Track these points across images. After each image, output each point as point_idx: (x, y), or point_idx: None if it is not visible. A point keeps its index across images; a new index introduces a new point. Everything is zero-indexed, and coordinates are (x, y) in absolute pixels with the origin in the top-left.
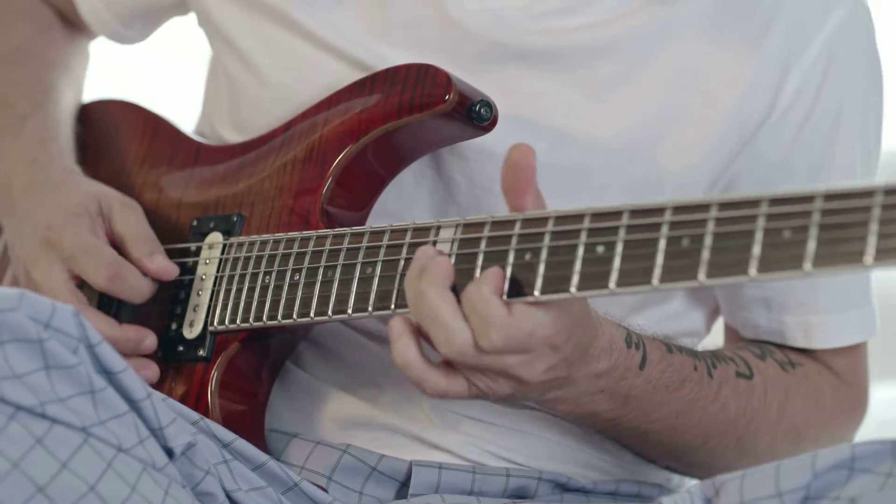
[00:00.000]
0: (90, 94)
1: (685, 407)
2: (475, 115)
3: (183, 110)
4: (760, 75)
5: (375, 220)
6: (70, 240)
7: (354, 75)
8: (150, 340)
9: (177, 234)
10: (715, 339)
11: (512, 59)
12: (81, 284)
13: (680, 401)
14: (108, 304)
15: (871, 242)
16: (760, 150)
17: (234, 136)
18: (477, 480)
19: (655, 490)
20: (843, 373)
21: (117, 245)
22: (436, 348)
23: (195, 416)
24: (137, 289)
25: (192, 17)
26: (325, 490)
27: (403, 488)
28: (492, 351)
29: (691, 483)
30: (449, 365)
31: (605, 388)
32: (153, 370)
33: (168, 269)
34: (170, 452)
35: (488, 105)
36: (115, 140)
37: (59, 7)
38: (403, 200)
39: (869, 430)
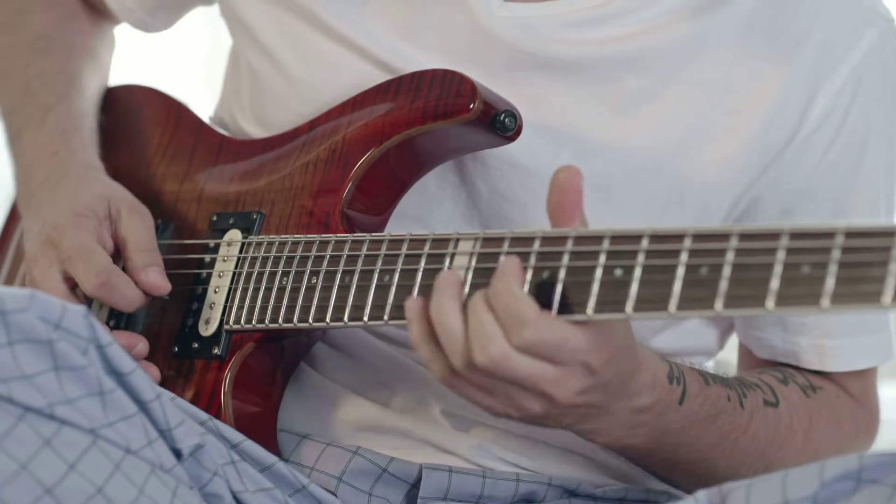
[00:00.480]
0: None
1: (718, 439)
2: (499, 124)
3: (199, 97)
4: (788, 96)
5: (396, 224)
6: (69, 241)
7: (379, 76)
8: (141, 346)
9: (196, 227)
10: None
11: (539, 68)
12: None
13: (714, 433)
14: None
15: (891, 283)
16: (785, 171)
17: (256, 131)
18: (487, 485)
19: (663, 497)
20: (859, 395)
21: (120, 249)
22: (472, 357)
23: (204, 415)
24: (127, 298)
25: (215, 8)
26: (334, 494)
27: (413, 491)
28: (523, 349)
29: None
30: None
31: (645, 423)
32: (152, 374)
33: (160, 285)
34: (178, 454)
35: (513, 115)
36: (138, 127)
37: None
38: (425, 205)
39: None
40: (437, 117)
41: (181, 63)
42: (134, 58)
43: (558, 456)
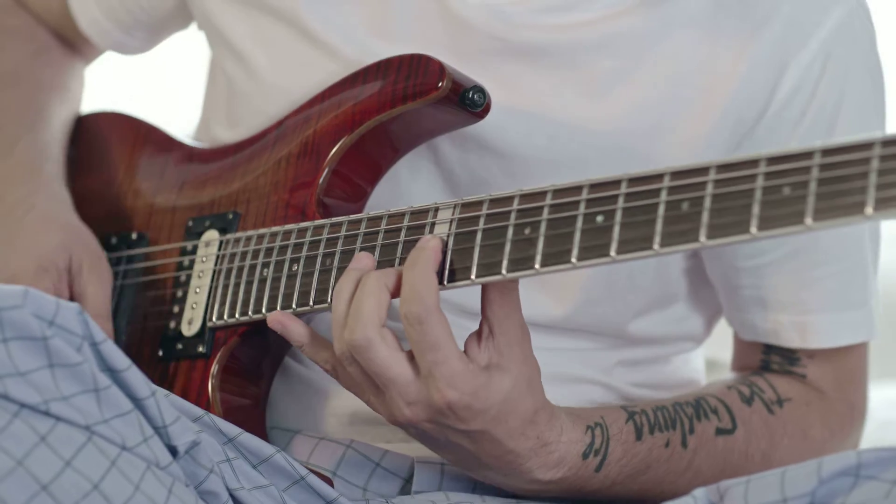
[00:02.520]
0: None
1: (652, 485)
2: (469, 101)
3: (183, 121)
4: (757, 72)
5: None
6: None
7: None
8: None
9: (172, 235)
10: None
11: (512, 55)
12: None
13: (644, 482)
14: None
15: (871, 193)
16: (757, 146)
17: (229, 136)
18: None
19: None
20: (833, 391)
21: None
22: None
23: (199, 411)
24: None
25: (193, 28)
26: (331, 483)
27: (407, 485)
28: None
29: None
30: None
31: (554, 486)
32: None
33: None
34: (173, 451)
35: (481, 91)
36: (108, 151)
37: (57, 27)
38: (398, 194)
39: (869, 429)
40: (407, 99)
41: (177, 83)
42: (128, 80)
43: None
